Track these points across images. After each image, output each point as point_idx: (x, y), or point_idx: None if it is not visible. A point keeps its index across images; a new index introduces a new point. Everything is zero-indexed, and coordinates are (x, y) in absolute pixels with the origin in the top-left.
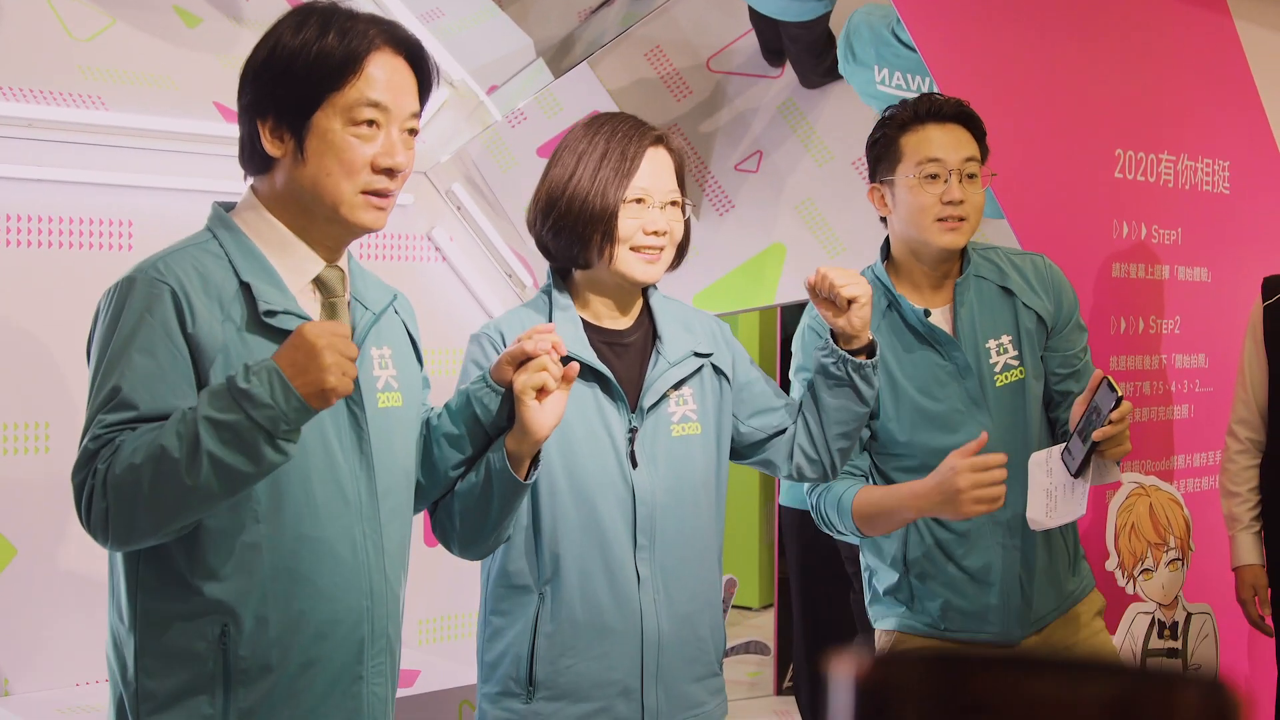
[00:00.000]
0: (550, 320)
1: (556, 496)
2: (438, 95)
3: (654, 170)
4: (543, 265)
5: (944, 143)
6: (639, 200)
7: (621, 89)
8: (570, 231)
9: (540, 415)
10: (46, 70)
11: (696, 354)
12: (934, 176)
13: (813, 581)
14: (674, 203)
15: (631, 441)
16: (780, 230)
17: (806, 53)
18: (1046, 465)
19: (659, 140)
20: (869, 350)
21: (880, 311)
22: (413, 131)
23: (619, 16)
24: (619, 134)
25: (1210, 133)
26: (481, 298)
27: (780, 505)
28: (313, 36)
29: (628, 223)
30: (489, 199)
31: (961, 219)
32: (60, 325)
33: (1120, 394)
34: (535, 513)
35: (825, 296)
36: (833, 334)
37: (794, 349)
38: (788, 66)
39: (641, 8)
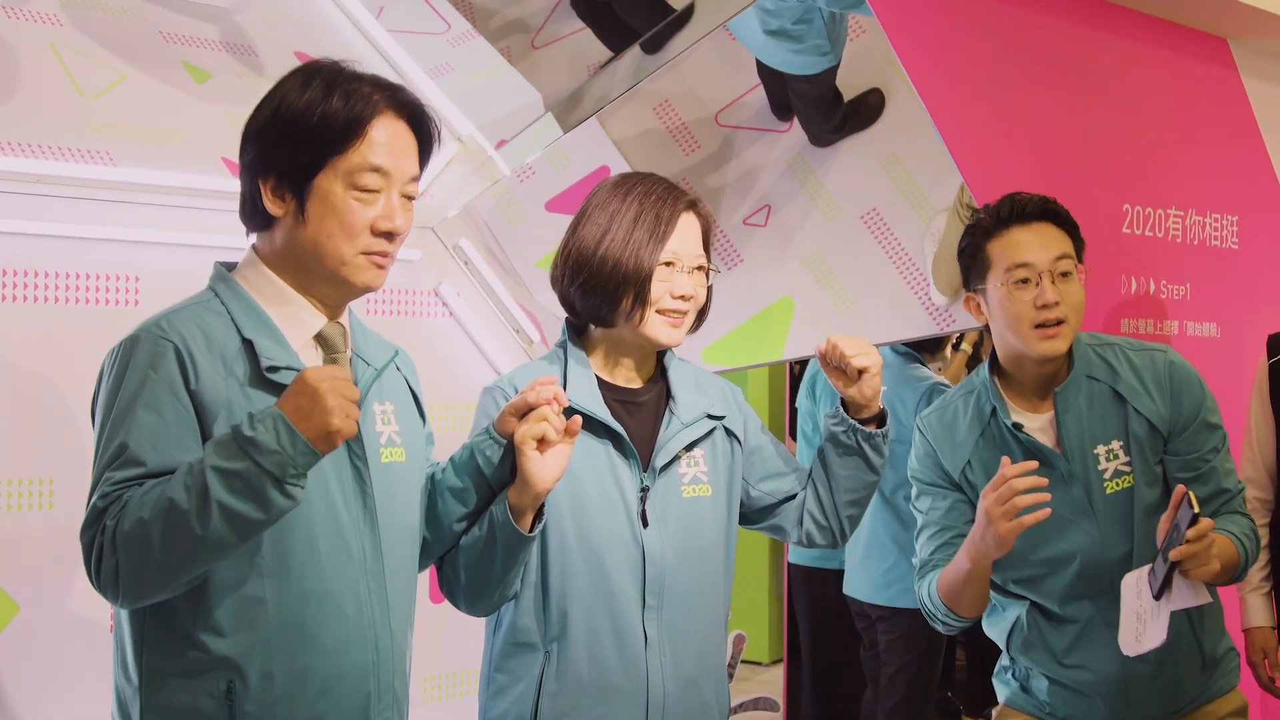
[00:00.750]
0: (565, 376)
1: (566, 553)
2: (446, 150)
3: (685, 235)
4: (551, 322)
5: (1031, 244)
6: (669, 264)
7: (630, 142)
8: (601, 291)
9: (540, 467)
10: (55, 126)
11: (710, 416)
12: (1024, 281)
13: (823, 637)
14: (700, 267)
15: (643, 501)
16: (789, 284)
17: (814, 109)
18: (1137, 586)
19: (691, 205)
20: (879, 419)
21: (982, 421)
22: (410, 196)
23: (628, 71)
24: (653, 196)
25: (1218, 187)
26: (489, 354)
27: (789, 561)
28: (317, 98)
29: (658, 285)
30: (497, 254)
31: (1060, 321)
32: (65, 380)
33: (1197, 510)
34: (544, 569)
35: (836, 365)
36: (843, 402)
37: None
38: (796, 121)
39: (651, 62)
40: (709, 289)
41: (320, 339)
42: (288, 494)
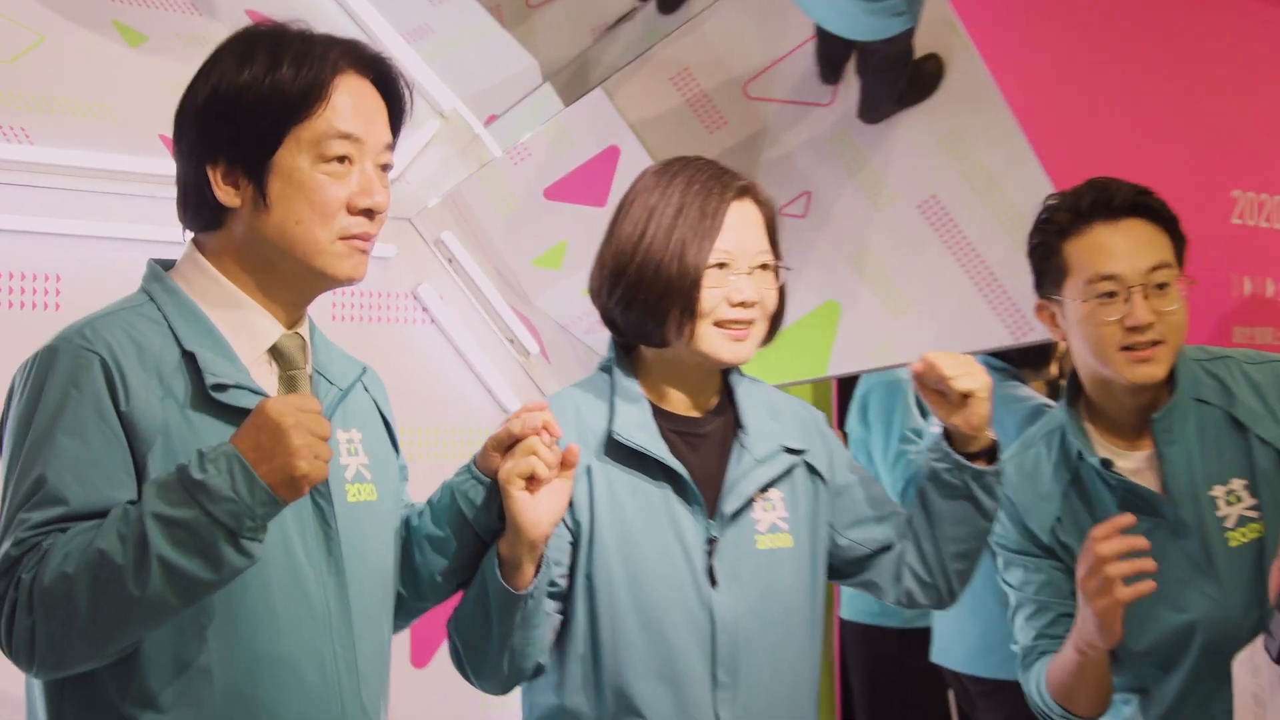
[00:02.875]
0: (612, 406)
1: (619, 622)
2: (425, 127)
3: (740, 227)
4: (552, 329)
5: (1120, 249)
6: (722, 265)
7: (643, 118)
8: (644, 304)
9: (531, 509)
10: None
11: (787, 449)
12: (1110, 295)
13: (882, 706)
14: (764, 266)
15: (710, 555)
16: (833, 286)
17: (882, 72)
18: (1251, 662)
19: (745, 191)
20: (990, 453)
21: (1070, 464)
22: (386, 167)
23: (640, 33)
24: (696, 184)
25: None
26: (477, 367)
27: (841, 617)
28: (262, 70)
29: (710, 293)
30: (486, 249)
31: (1156, 342)
32: None
33: None
34: (594, 640)
35: (934, 388)
36: (946, 433)
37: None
38: (840, 91)
39: (667, 23)
40: (781, 289)
41: (275, 352)
42: (243, 550)
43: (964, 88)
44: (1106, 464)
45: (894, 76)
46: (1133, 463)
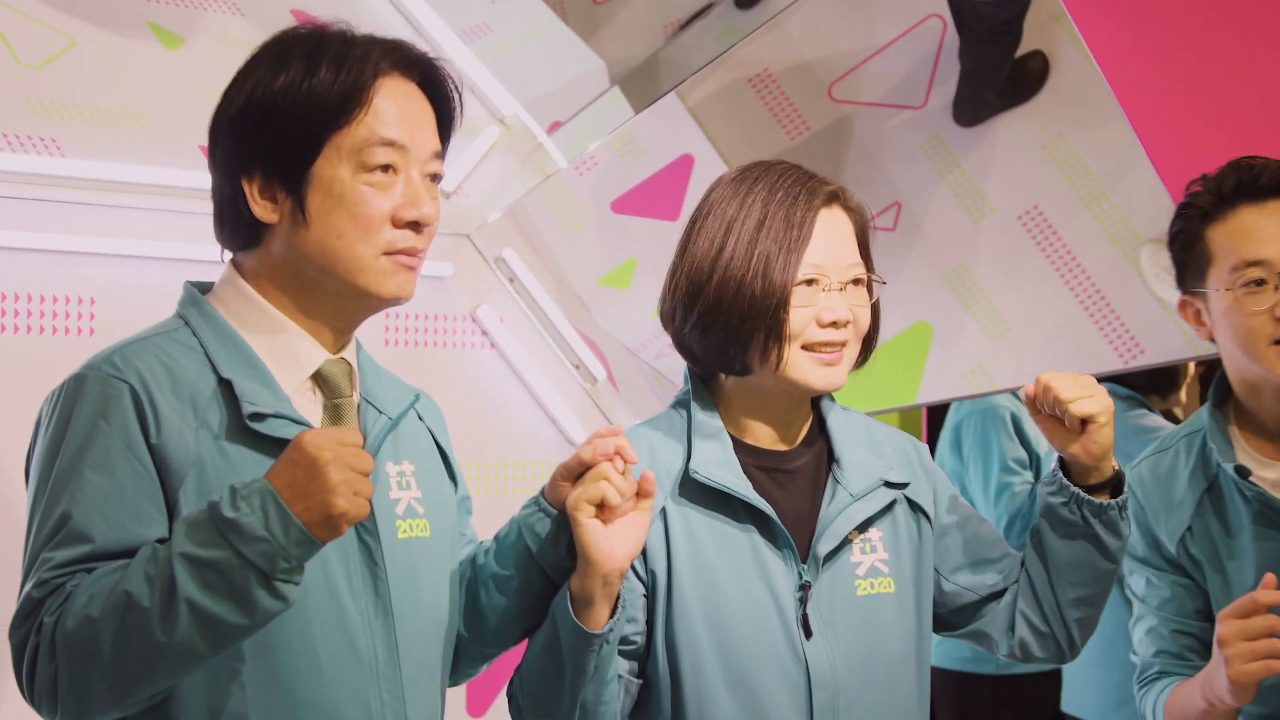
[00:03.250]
0: (689, 442)
1: (703, 677)
2: (484, 135)
3: (830, 238)
4: (620, 354)
5: (1267, 233)
6: (811, 281)
7: (719, 124)
8: (724, 329)
9: (604, 539)
10: None
11: (888, 484)
12: (1259, 283)
13: None
14: (856, 281)
15: (803, 603)
16: (925, 306)
17: (985, 53)
18: None
19: (834, 197)
20: (1115, 485)
21: (1209, 472)
22: (435, 177)
23: (716, 32)
24: (780, 191)
25: None
26: (540, 394)
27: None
28: (299, 75)
29: (799, 313)
30: (550, 267)
31: None
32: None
33: None
34: (677, 699)
35: (1049, 413)
36: (1062, 463)
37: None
38: (934, 93)
39: (745, 20)
40: (875, 306)
41: (319, 379)
42: (277, 593)
43: (1071, 87)
44: (1243, 472)
45: (998, 61)
46: (1276, 473)
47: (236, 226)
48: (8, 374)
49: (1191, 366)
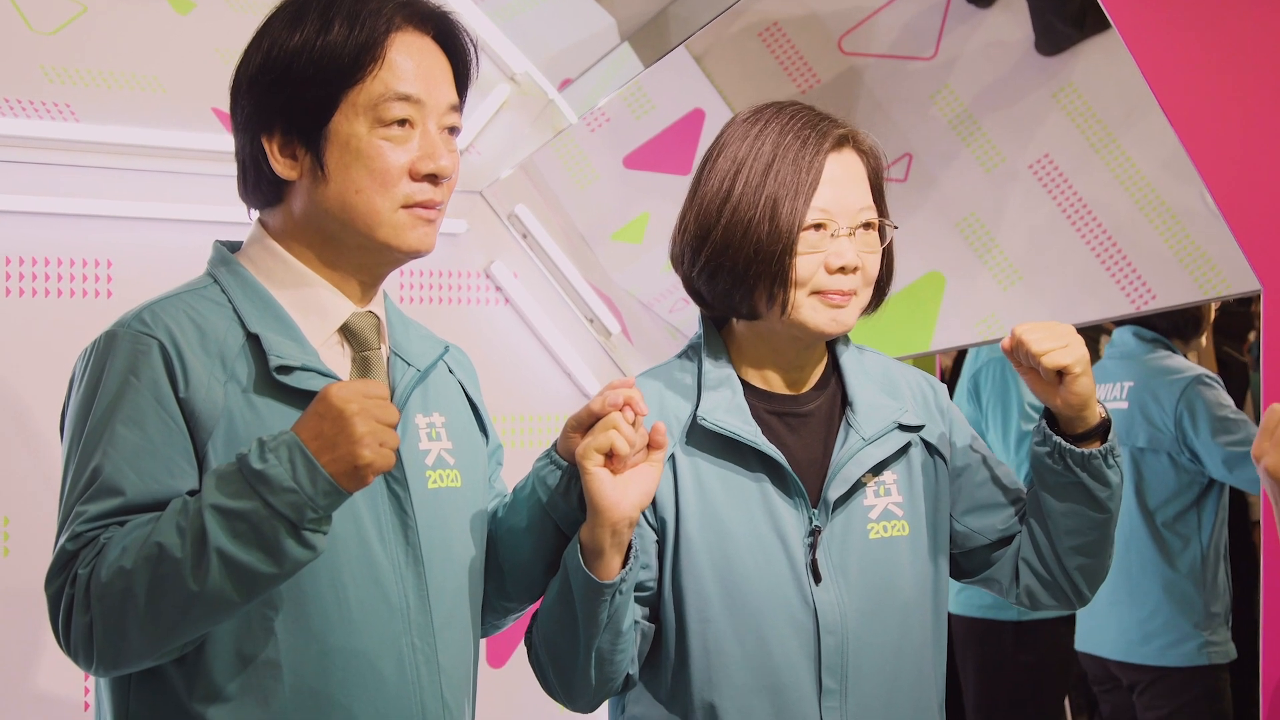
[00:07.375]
0: (699, 386)
1: (710, 625)
2: (496, 92)
3: (840, 181)
4: (634, 308)
5: None
6: (820, 225)
7: (730, 78)
8: (731, 272)
9: (612, 489)
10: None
11: (902, 426)
12: None
13: (994, 706)
14: (867, 225)
15: (813, 548)
16: (937, 255)
17: None
18: None
19: (845, 140)
20: (1101, 432)
21: None
22: (453, 130)
23: None
24: (790, 133)
25: None
26: (555, 349)
27: (950, 611)
28: (314, 32)
29: (806, 259)
30: (563, 223)
31: None
32: (21, 394)
33: None
34: (684, 650)
35: (1028, 365)
36: (1049, 414)
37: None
38: (944, 43)
39: None
40: (888, 250)
41: (347, 332)
42: (305, 543)
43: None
44: None
45: None
46: None
47: (259, 184)
48: (29, 337)
49: (1211, 314)
